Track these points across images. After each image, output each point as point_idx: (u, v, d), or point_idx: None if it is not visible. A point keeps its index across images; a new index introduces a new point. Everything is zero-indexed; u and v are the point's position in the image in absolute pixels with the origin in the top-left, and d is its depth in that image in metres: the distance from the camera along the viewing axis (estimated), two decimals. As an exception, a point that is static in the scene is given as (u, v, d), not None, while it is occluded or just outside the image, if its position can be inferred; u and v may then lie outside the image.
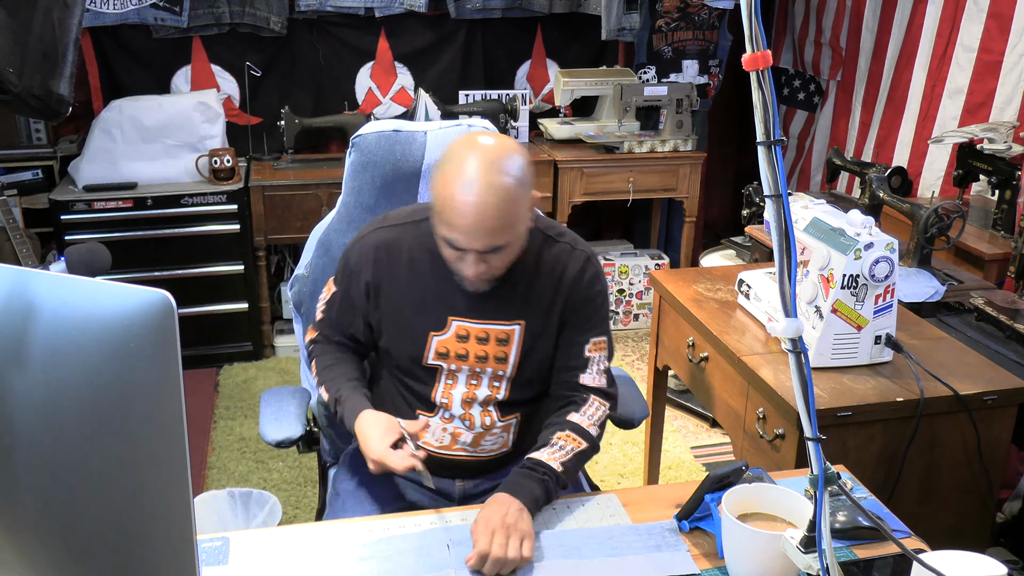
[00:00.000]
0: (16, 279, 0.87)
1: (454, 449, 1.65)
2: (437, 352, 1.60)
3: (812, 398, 1.03)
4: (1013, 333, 2.09)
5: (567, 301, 1.61)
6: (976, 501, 1.85)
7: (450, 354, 1.59)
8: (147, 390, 0.84)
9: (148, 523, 0.88)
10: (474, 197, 1.41)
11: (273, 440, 1.74)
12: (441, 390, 1.62)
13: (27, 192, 3.72)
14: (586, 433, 1.56)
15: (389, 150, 1.87)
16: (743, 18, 0.95)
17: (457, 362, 1.60)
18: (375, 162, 1.87)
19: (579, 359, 1.62)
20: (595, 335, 1.63)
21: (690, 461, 3.07)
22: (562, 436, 1.54)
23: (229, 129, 3.81)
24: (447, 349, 1.59)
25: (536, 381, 1.65)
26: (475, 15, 3.99)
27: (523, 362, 1.61)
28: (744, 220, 3.02)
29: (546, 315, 1.60)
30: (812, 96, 4.32)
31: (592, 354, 1.62)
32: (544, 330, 1.61)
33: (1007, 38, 3.02)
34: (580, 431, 1.56)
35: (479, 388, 1.61)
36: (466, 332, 1.59)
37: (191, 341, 3.60)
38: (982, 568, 1.07)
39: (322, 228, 1.95)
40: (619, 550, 1.35)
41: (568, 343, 1.62)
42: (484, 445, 1.65)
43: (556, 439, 1.53)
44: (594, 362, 1.62)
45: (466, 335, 1.59)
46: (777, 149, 0.98)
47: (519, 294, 1.59)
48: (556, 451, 1.51)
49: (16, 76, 2.18)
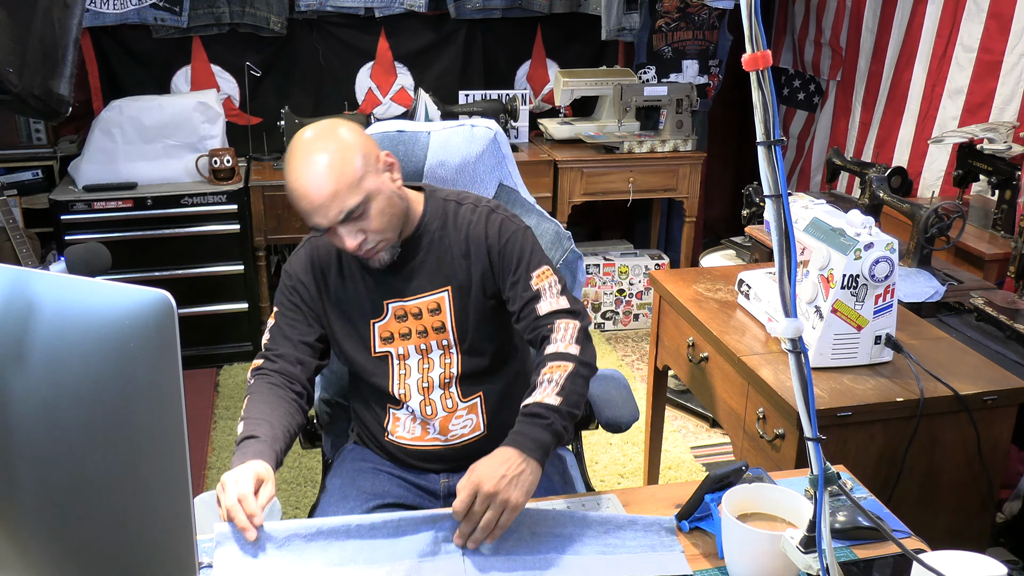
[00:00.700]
0: (16, 279, 0.87)
1: (426, 440, 1.68)
2: (381, 338, 1.65)
3: (812, 398, 1.03)
4: (1013, 333, 2.09)
5: (488, 257, 1.64)
6: (976, 501, 1.84)
7: (394, 337, 1.65)
8: (147, 390, 0.84)
9: (148, 523, 0.88)
10: (303, 175, 1.48)
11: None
12: (396, 381, 1.66)
13: (27, 192, 3.72)
14: (566, 355, 1.53)
15: (392, 151, 1.86)
16: (743, 18, 0.95)
17: (402, 343, 1.64)
18: None
19: (529, 294, 1.62)
20: (533, 268, 1.63)
21: (690, 461, 3.06)
22: (545, 371, 1.51)
23: (229, 129, 3.81)
24: (389, 332, 1.65)
25: (484, 347, 1.66)
26: (475, 15, 3.99)
27: (460, 325, 1.64)
28: (744, 220, 3.02)
29: (467, 273, 1.64)
30: (812, 96, 4.32)
31: (539, 284, 1.62)
32: (470, 288, 1.64)
33: (1007, 38, 3.02)
34: (560, 356, 1.53)
35: (432, 370, 1.65)
36: (403, 311, 1.64)
37: (191, 341, 3.60)
38: (982, 568, 1.07)
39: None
40: (613, 547, 1.35)
41: (512, 289, 1.64)
42: (454, 431, 1.67)
43: (542, 377, 1.51)
44: (545, 291, 1.62)
45: (403, 314, 1.64)
46: (777, 149, 0.97)
47: (435, 261, 1.64)
48: (546, 387, 1.48)
49: (16, 76, 2.18)
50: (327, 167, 1.48)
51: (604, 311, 4.14)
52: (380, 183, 1.54)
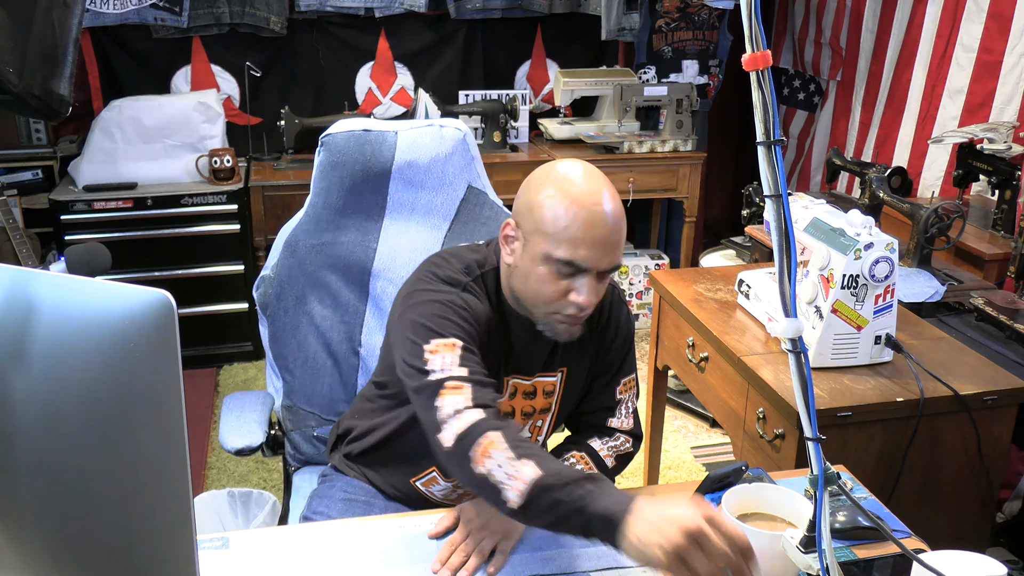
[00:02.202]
0: (16, 279, 0.87)
1: (455, 499, 1.58)
2: None
3: (812, 398, 1.03)
4: (1013, 333, 2.09)
5: (608, 344, 1.53)
6: (976, 501, 1.84)
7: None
8: (147, 390, 0.84)
9: (148, 523, 0.88)
10: (607, 205, 1.30)
11: (232, 448, 1.68)
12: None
13: (27, 192, 3.72)
14: (600, 461, 1.50)
15: (359, 150, 1.82)
16: (743, 18, 0.95)
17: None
18: (344, 162, 1.82)
19: (610, 401, 1.55)
20: (625, 374, 1.57)
21: (690, 461, 3.06)
22: (575, 455, 1.49)
23: (229, 129, 3.81)
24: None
25: (562, 421, 1.60)
26: (475, 15, 3.99)
27: (563, 408, 1.54)
28: (744, 220, 3.02)
29: (587, 358, 1.52)
30: (812, 96, 4.32)
31: (622, 395, 1.57)
32: (583, 374, 1.54)
33: (1007, 38, 3.02)
34: (594, 456, 1.51)
35: None
36: (515, 388, 1.49)
37: (191, 341, 3.60)
38: (982, 568, 1.07)
39: (289, 228, 1.88)
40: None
41: (600, 386, 1.55)
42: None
43: (569, 456, 1.49)
44: (623, 404, 1.57)
45: (514, 392, 1.49)
46: (777, 149, 0.97)
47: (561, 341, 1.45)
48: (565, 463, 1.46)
49: (16, 76, 2.18)
50: (622, 212, 1.33)
51: (604, 311, 4.13)
52: None
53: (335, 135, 1.82)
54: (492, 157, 3.82)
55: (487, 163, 3.89)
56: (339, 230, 1.87)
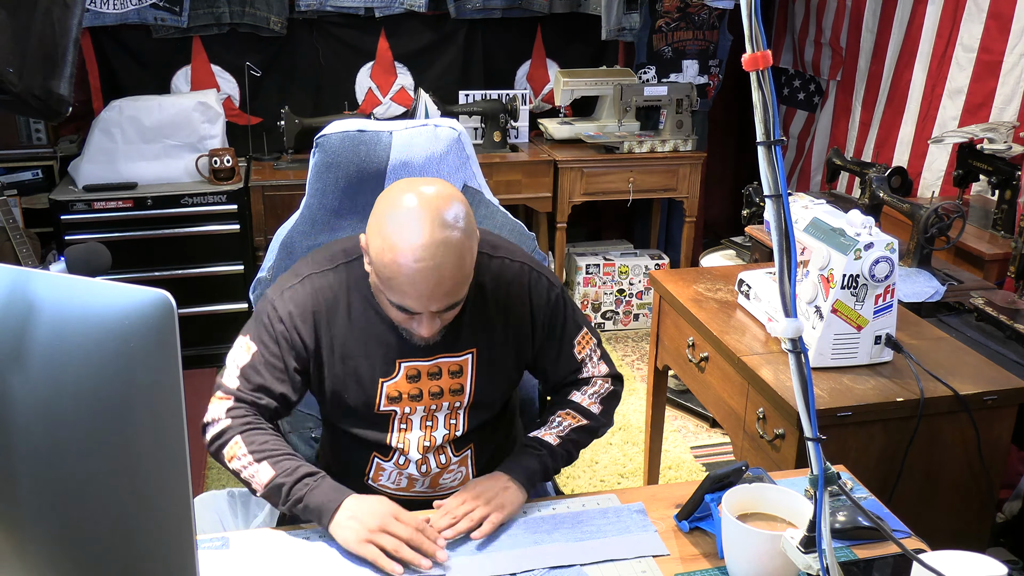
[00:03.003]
0: (16, 279, 0.87)
1: (411, 491, 1.58)
2: (388, 397, 1.49)
3: (812, 398, 1.03)
4: (1013, 333, 2.09)
5: (532, 324, 1.55)
6: (976, 501, 1.84)
7: (402, 396, 1.49)
8: (147, 390, 0.84)
9: (148, 523, 0.88)
10: (428, 262, 1.29)
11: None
12: (396, 436, 1.52)
13: (27, 192, 3.72)
14: (585, 410, 1.57)
15: (353, 151, 1.79)
16: (743, 18, 0.95)
17: (411, 403, 1.50)
18: (339, 163, 1.80)
19: (573, 363, 1.60)
20: (573, 335, 1.59)
21: (690, 461, 3.06)
22: (560, 414, 1.57)
23: (229, 129, 3.81)
24: (398, 392, 1.49)
25: (490, 404, 1.58)
26: (475, 15, 4.00)
27: (479, 389, 1.53)
28: (744, 220, 3.02)
29: (499, 337, 1.53)
30: (812, 96, 4.32)
31: (582, 352, 1.60)
32: (498, 353, 1.53)
33: (1007, 38, 3.02)
34: (578, 408, 1.58)
35: (436, 430, 1.53)
36: (416, 371, 1.49)
37: (191, 341, 3.60)
38: (982, 568, 1.07)
39: (285, 230, 1.86)
40: (588, 533, 1.37)
41: (552, 357, 1.58)
42: (443, 484, 1.59)
43: (555, 417, 1.56)
44: (588, 359, 1.61)
45: (416, 374, 1.49)
46: (777, 149, 0.97)
47: (465, 322, 1.49)
48: (554, 427, 1.55)
49: (16, 76, 2.18)
50: (456, 259, 1.32)
51: (604, 311, 4.14)
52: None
53: (329, 136, 1.80)
54: (492, 157, 3.82)
55: (487, 163, 3.87)
56: (335, 231, 1.86)
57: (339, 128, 1.81)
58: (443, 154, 1.85)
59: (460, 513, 1.38)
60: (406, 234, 1.30)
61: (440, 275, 1.31)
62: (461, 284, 1.36)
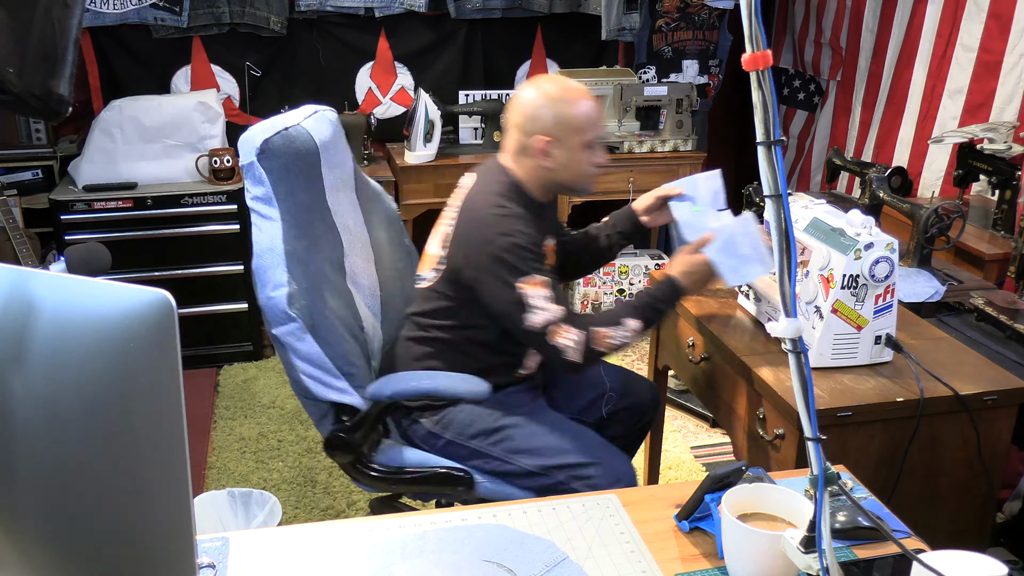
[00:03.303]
0: (16, 279, 0.87)
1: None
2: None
3: (812, 398, 1.03)
4: (1013, 333, 2.09)
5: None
6: (976, 501, 1.84)
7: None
8: (147, 390, 0.84)
9: (148, 523, 0.88)
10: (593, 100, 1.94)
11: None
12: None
13: (27, 192, 3.72)
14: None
15: (292, 146, 1.91)
16: (743, 18, 0.95)
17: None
18: (290, 161, 1.90)
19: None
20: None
21: (690, 461, 3.06)
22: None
23: (229, 129, 3.81)
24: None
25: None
26: (475, 15, 4.00)
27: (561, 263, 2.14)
28: (744, 220, 3.01)
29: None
30: (812, 96, 4.32)
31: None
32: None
33: (1007, 38, 3.02)
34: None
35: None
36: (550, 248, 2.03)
37: (191, 341, 3.60)
38: (982, 568, 1.07)
39: (278, 240, 1.86)
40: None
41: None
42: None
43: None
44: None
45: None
46: (777, 149, 0.97)
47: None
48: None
49: (16, 76, 2.18)
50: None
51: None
52: None
53: (271, 140, 1.87)
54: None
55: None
56: (316, 223, 1.97)
57: (265, 133, 1.89)
58: (336, 134, 2.09)
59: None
60: (580, 91, 1.91)
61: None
62: None
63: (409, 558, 1.33)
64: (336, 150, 2.06)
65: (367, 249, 2.19)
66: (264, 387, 3.54)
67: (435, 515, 1.43)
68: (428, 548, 1.35)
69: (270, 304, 1.86)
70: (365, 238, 2.19)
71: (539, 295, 1.82)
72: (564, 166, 1.93)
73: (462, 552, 1.34)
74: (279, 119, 1.95)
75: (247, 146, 1.89)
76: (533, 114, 1.90)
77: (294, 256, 1.87)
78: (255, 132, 1.90)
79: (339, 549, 1.34)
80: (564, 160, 1.92)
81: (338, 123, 2.12)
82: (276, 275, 1.86)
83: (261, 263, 1.87)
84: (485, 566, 1.31)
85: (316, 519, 2.72)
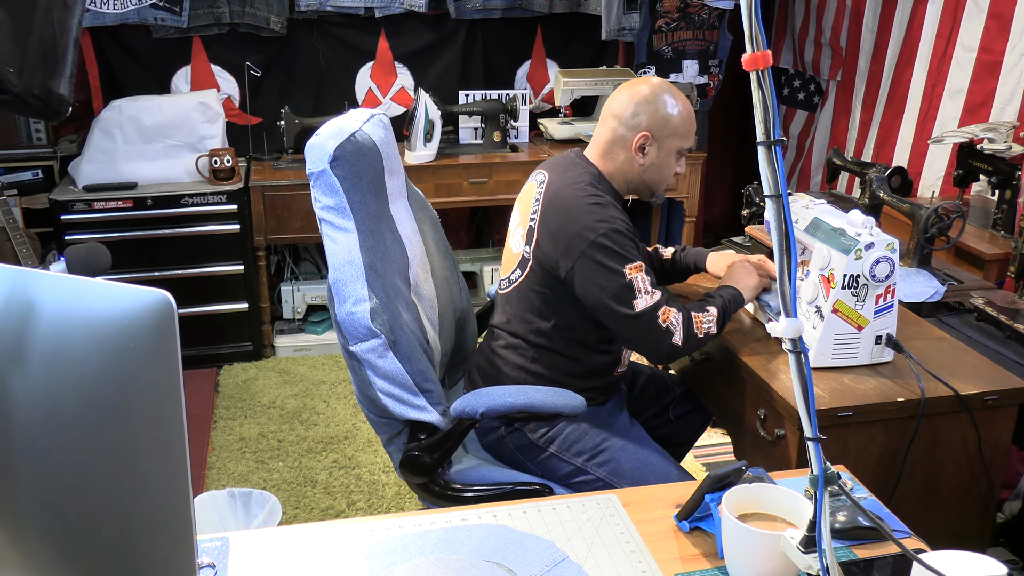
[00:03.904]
0: (16, 279, 0.87)
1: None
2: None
3: (812, 398, 1.03)
4: (1013, 333, 2.09)
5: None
6: (976, 501, 1.84)
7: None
8: (147, 390, 0.84)
9: (148, 523, 0.88)
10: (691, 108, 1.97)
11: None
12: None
13: (27, 192, 3.72)
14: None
15: (363, 153, 1.81)
16: (743, 18, 0.95)
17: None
18: (361, 168, 1.81)
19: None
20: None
21: (690, 461, 3.06)
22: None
23: (229, 129, 3.81)
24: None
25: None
26: (475, 15, 4.00)
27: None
28: (744, 220, 3.01)
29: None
30: (812, 96, 4.32)
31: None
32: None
33: (1007, 38, 3.02)
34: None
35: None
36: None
37: (191, 341, 3.61)
38: (982, 568, 1.07)
39: (356, 252, 1.78)
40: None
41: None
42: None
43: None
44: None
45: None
46: (777, 149, 0.97)
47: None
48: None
49: (16, 76, 2.18)
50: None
51: (604, 311, 4.13)
52: None
53: (343, 146, 1.77)
54: (492, 157, 3.82)
55: (487, 163, 3.89)
56: (384, 233, 1.86)
57: (331, 135, 1.79)
58: (391, 139, 1.99)
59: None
60: (678, 95, 1.93)
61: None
62: None
63: (409, 558, 1.33)
64: (394, 156, 1.97)
65: (424, 258, 2.08)
66: (264, 387, 3.54)
67: (435, 515, 1.43)
68: (428, 548, 1.35)
69: (351, 320, 1.75)
70: (422, 247, 2.08)
71: (645, 279, 1.81)
72: (654, 166, 1.95)
73: (462, 552, 1.34)
74: (340, 124, 1.82)
75: (317, 153, 1.77)
76: (640, 109, 1.91)
77: (372, 269, 1.78)
78: (324, 138, 1.78)
79: (339, 549, 1.34)
80: (655, 160, 1.95)
81: (391, 128, 2.01)
82: (356, 289, 1.76)
83: (340, 276, 1.77)
84: (485, 566, 1.31)
85: (316, 519, 2.72)
